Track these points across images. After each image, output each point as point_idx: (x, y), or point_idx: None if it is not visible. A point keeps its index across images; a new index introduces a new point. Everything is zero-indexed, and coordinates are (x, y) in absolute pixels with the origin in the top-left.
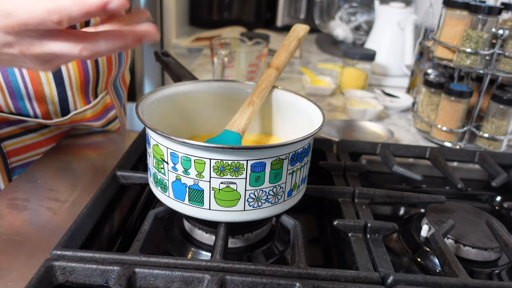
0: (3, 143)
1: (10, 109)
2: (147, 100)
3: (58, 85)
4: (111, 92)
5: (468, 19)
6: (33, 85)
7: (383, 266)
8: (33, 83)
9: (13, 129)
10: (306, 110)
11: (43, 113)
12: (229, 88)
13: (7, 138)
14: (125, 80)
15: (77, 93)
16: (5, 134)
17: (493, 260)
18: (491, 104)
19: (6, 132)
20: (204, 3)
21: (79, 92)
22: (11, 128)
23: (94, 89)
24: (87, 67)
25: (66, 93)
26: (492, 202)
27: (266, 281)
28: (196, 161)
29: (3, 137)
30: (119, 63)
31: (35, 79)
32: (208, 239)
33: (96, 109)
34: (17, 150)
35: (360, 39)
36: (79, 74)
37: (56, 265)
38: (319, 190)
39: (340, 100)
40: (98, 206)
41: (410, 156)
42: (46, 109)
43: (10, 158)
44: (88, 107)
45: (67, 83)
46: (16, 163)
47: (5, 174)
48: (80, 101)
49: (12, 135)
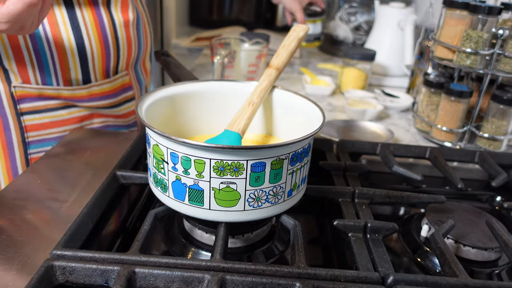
0: (23, 117)
1: (36, 79)
2: (147, 100)
3: (81, 57)
4: (132, 74)
5: (468, 19)
6: (59, 55)
7: (383, 266)
8: (59, 53)
9: (35, 105)
10: (306, 110)
11: (64, 80)
12: (229, 88)
13: (28, 113)
14: (146, 67)
15: (98, 67)
16: (26, 109)
17: (493, 260)
18: (491, 104)
19: (28, 107)
20: (204, 3)
21: (100, 65)
22: (34, 104)
23: (115, 67)
24: (109, 44)
25: (88, 64)
26: (492, 202)
27: (266, 281)
28: (196, 161)
29: (24, 112)
30: (138, 46)
31: (61, 51)
32: (208, 239)
33: (114, 84)
34: (35, 126)
35: (360, 39)
36: (101, 49)
37: (56, 265)
38: (319, 190)
39: (340, 100)
40: (98, 206)
41: (410, 156)
42: (68, 76)
43: (28, 133)
44: (107, 80)
45: (90, 57)
46: (32, 138)
47: (21, 147)
48: (100, 74)
49: (33, 111)
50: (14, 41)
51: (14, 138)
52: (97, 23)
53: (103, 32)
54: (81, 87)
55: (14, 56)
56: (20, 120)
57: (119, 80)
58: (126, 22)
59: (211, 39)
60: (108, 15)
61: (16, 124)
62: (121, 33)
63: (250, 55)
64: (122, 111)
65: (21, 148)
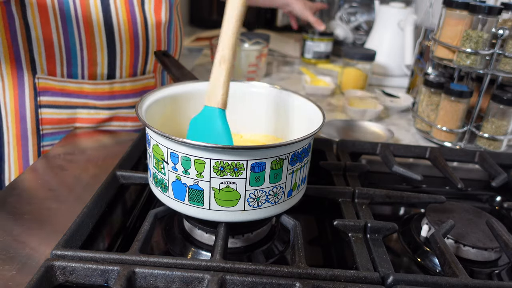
0: (41, 110)
1: (63, 72)
2: (147, 100)
3: (110, 53)
4: (158, 78)
5: (468, 19)
6: (88, 49)
7: (383, 266)
8: (88, 48)
9: (56, 100)
10: (306, 110)
11: (89, 74)
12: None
13: (46, 106)
14: None
15: (126, 65)
16: (45, 102)
17: (493, 260)
18: (491, 104)
19: (47, 100)
20: (204, 3)
21: (127, 63)
22: (53, 99)
23: (143, 66)
24: (138, 42)
25: (116, 61)
26: (492, 202)
27: (266, 281)
28: (196, 161)
29: (43, 104)
30: (168, 49)
31: (90, 46)
32: (208, 239)
33: (137, 84)
34: (52, 120)
35: (360, 39)
36: (130, 48)
37: (56, 265)
38: (319, 190)
39: (340, 100)
40: (98, 206)
41: (410, 156)
42: (94, 71)
43: (43, 125)
44: (130, 79)
45: (118, 54)
46: (47, 131)
47: (35, 138)
48: (127, 73)
49: (52, 105)
50: (47, 34)
51: (29, 129)
52: (129, 21)
53: (135, 30)
54: (104, 82)
55: (45, 48)
56: (37, 112)
57: (144, 81)
58: (158, 23)
59: (211, 39)
60: (142, 14)
61: (33, 116)
62: (152, 34)
63: (250, 55)
64: None
65: (35, 139)
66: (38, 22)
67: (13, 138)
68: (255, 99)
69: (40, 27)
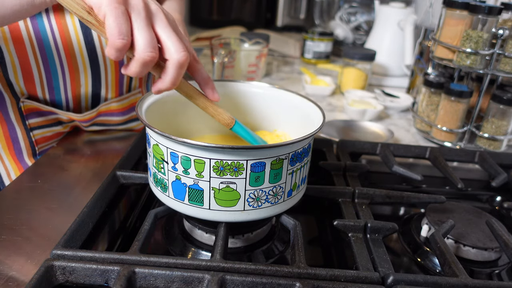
0: (33, 132)
1: (46, 99)
2: (147, 100)
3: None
4: (144, 90)
5: (468, 19)
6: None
7: (383, 266)
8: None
9: (43, 120)
10: (306, 110)
11: (75, 106)
12: (229, 88)
13: (36, 128)
14: None
15: (111, 85)
16: (35, 124)
17: (493, 260)
18: (491, 104)
19: (36, 122)
20: (204, 3)
21: (113, 83)
22: (42, 119)
23: (128, 82)
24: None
25: (100, 88)
26: (492, 202)
27: (266, 281)
28: (196, 161)
29: (33, 127)
30: None
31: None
32: (208, 239)
33: (123, 103)
34: (45, 138)
35: (360, 39)
36: (115, 63)
37: (56, 265)
38: (319, 190)
39: (340, 100)
40: (98, 206)
41: (410, 156)
42: (78, 92)
43: (38, 145)
44: (116, 99)
45: (102, 70)
46: (42, 148)
47: (31, 157)
48: (113, 91)
49: (42, 125)
50: (23, 61)
51: (24, 150)
52: None
53: None
54: (90, 112)
55: (22, 72)
56: (29, 135)
57: (130, 99)
58: None
59: (211, 39)
60: None
61: (26, 139)
62: None
63: (250, 55)
64: (136, 126)
65: (31, 159)
66: (13, 48)
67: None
68: (255, 99)
69: (15, 54)
